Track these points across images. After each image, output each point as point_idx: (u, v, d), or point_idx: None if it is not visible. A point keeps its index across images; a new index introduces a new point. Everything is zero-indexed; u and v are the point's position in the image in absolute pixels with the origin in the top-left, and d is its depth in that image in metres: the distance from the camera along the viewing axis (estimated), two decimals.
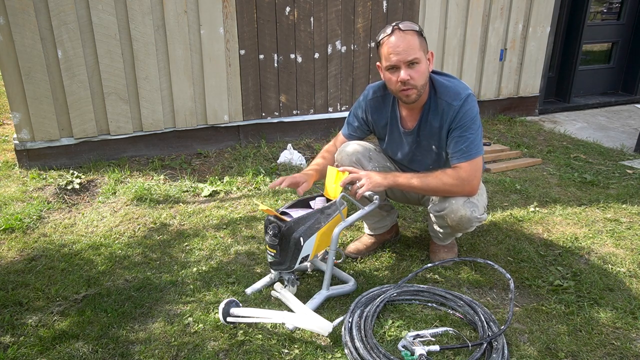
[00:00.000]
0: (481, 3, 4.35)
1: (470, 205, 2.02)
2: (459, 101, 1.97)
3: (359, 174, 2.01)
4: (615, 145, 4.14)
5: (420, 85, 1.95)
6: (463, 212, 2.01)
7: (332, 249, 1.99)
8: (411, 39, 1.90)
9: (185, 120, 3.69)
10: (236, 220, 2.74)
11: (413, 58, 1.89)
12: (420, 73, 1.93)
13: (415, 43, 1.90)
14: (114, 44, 3.32)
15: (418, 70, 1.92)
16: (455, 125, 1.99)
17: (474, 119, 1.99)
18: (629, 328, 1.88)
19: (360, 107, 2.24)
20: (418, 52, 1.90)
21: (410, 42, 1.89)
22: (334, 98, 4.10)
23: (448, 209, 2.05)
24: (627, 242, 2.51)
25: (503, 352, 1.69)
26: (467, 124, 1.98)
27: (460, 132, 1.99)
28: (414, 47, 1.89)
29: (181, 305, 2.02)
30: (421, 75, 1.94)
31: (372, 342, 1.70)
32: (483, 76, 4.62)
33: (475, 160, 2.01)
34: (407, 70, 1.91)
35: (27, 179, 3.21)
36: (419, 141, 2.13)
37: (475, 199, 2.04)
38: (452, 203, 2.04)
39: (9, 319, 1.93)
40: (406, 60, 1.90)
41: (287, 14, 3.73)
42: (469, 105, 1.98)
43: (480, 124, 2.04)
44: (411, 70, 1.91)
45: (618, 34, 5.42)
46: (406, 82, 1.92)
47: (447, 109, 2.00)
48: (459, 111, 1.97)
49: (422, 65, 1.93)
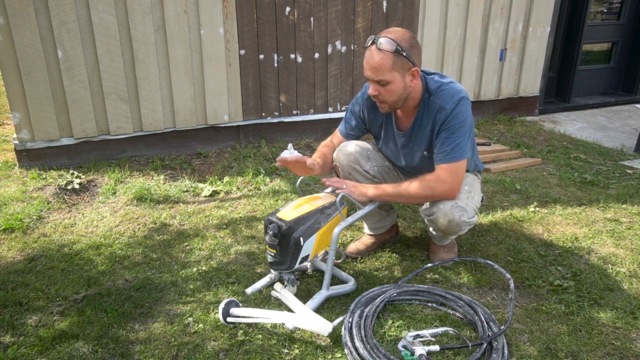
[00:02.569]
0: (481, 3, 4.35)
1: (459, 210, 2.01)
2: (452, 104, 1.95)
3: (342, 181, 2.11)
4: (615, 145, 4.14)
5: (391, 101, 1.96)
6: (451, 217, 2.01)
7: (332, 249, 1.99)
8: (382, 59, 1.85)
9: (185, 120, 3.69)
10: (236, 220, 2.74)
11: (379, 79, 1.89)
12: (390, 92, 1.92)
13: (386, 64, 1.85)
14: (114, 44, 3.32)
15: (387, 89, 1.91)
16: (444, 127, 1.98)
17: (464, 122, 1.96)
18: (629, 328, 1.88)
19: (358, 103, 2.23)
20: (388, 73, 1.87)
21: (379, 63, 1.86)
22: (334, 98, 4.10)
23: (436, 213, 2.05)
24: (627, 242, 2.51)
25: (503, 352, 1.69)
26: (455, 126, 1.96)
27: (448, 134, 1.97)
28: (382, 69, 1.86)
29: (181, 305, 2.02)
30: (390, 94, 1.93)
31: (372, 342, 1.70)
32: (483, 76, 4.62)
33: (458, 164, 1.97)
34: (376, 86, 1.92)
35: (27, 179, 3.21)
36: (412, 143, 2.13)
37: (464, 203, 2.03)
38: (440, 208, 2.03)
39: (9, 319, 1.93)
40: (374, 79, 1.91)
41: (287, 14, 3.73)
42: (460, 108, 1.96)
43: (471, 128, 2.02)
44: (380, 87, 1.92)
45: (618, 34, 5.42)
46: (375, 96, 1.95)
47: (439, 112, 1.98)
48: (450, 114, 1.96)
49: (392, 85, 1.90)
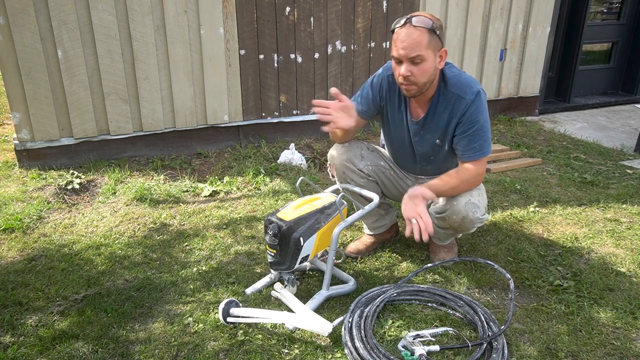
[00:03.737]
0: (481, 3, 4.35)
1: (472, 207, 2.02)
2: (471, 95, 1.95)
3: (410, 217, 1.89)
4: (615, 145, 4.14)
5: (422, 82, 1.92)
6: (465, 214, 2.01)
7: (332, 249, 1.99)
8: (419, 35, 1.84)
9: (185, 120, 3.69)
10: (236, 220, 2.74)
11: (416, 55, 1.85)
12: (423, 71, 1.89)
13: (422, 40, 1.84)
14: (114, 44, 3.32)
15: (421, 68, 1.88)
16: (466, 120, 1.97)
17: (486, 117, 1.98)
18: (629, 328, 1.88)
19: (379, 77, 2.16)
20: (424, 50, 1.85)
21: (416, 39, 1.84)
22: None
23: (450, 210, 2.05)
24: (627, 242, 2.51)
25: (503, 352, 1.69)
26: (480, 121, 1.97)
27: (474, 129, 1.97)
28: (419, 45, 1.84)
29: (181, 305, 2.02)
30: (423, 74, 1.90)
31: (372, 342, 1.70)
32: (483, 76, 4.62)
33: (485, 159, 2.03)
34: (409, 66, 1.88)
35: (27, 179, 3.21)
36: (424, 132, 2.11)
37: (477, 200, 2.04)
38: (453, 205, 2.03)
39: (9, 319, 1.93)
40: (409, 56, 1.86)
41: (287, 14, 3.73)
42: (480, 100, 1.96)
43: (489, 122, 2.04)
44: (413, 67, 1.88)
45: (618, 34, 5.42)
46: (406, 77, 1.90)
47: (457, 101, 1.98)
48: (470, 106, 1.95)
49: (426, 64, 1.88)
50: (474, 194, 2.05)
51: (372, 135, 4.22)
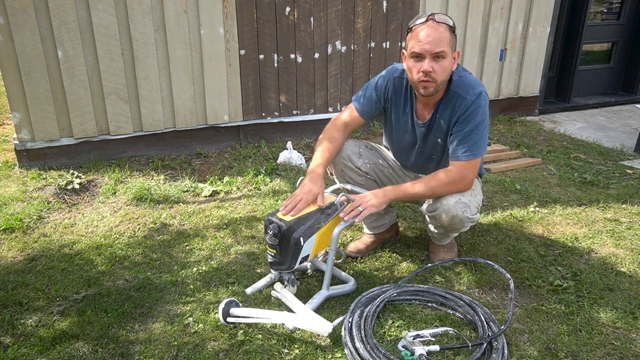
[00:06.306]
0: (481, 3, 4.35)
1: (462, 206, 2.01)
2: (472, 96, 1.96)
3: (353, 204, 2.00)
4: (615, 145, 4.14)
5: (440, 80, 1.93)
6: (454, 212, 2.01)
7: (332, 249, 1.99)
8: (443, 32, 1.87)
9: (185, 120, 3.69)
10: (236, 220, 2.74)
11: (440, 50, 1.87)
12: (443, 68, 1.90)
13: (445, 37, 1.87)
14: (114, 44, 3.32)
15: (442, 65, 1.90)
16: (463, 119, 1.98)
17: (483, 118, 1.98)
18: (629, 328, 1.88)
19: (384, 79, 2.15)
20: (446, 46, 1.88)
21: (441, 35, 1.86)
22: (334, 98, 4.10)
23: (440, 209, 2.05)
24: (627, 242, 2.51)
25: (503, 352, 1.69)
26: (475, 121, 1.97)
27: (469, 129, 1.97)
28: (443, 40, 1.87)
29: (181, 305, 2.02)
30: (443, 71, 1.91)
31: (372, 342, 1.70)
32: (483, 76, 4.62)
33: (477, 160, 2.02)
34: (431, 62, 1.89)
35: (27, 179, 3.21)
36: (429, 133, 2.12)
37: (467, 199, 2.03)
38: (443, 204, 2.03)
39: (9, 319, 1.93)
40: (433, 51, 1.87)
41: (287, 14, 3.73)
42: (481, 102, 1.97)
43: (488, 124, 2.03)
44: (434, 63, 1.89)
45: (618, 34, 5.42)
46: (427, 73, 1.90)
47: (458, 101, 1.98)
48: (470, 106, 1.96)
49: (446, 61, 1.90)
50: (465, 194, 2.04)
51: (372, 135, 4.22)
